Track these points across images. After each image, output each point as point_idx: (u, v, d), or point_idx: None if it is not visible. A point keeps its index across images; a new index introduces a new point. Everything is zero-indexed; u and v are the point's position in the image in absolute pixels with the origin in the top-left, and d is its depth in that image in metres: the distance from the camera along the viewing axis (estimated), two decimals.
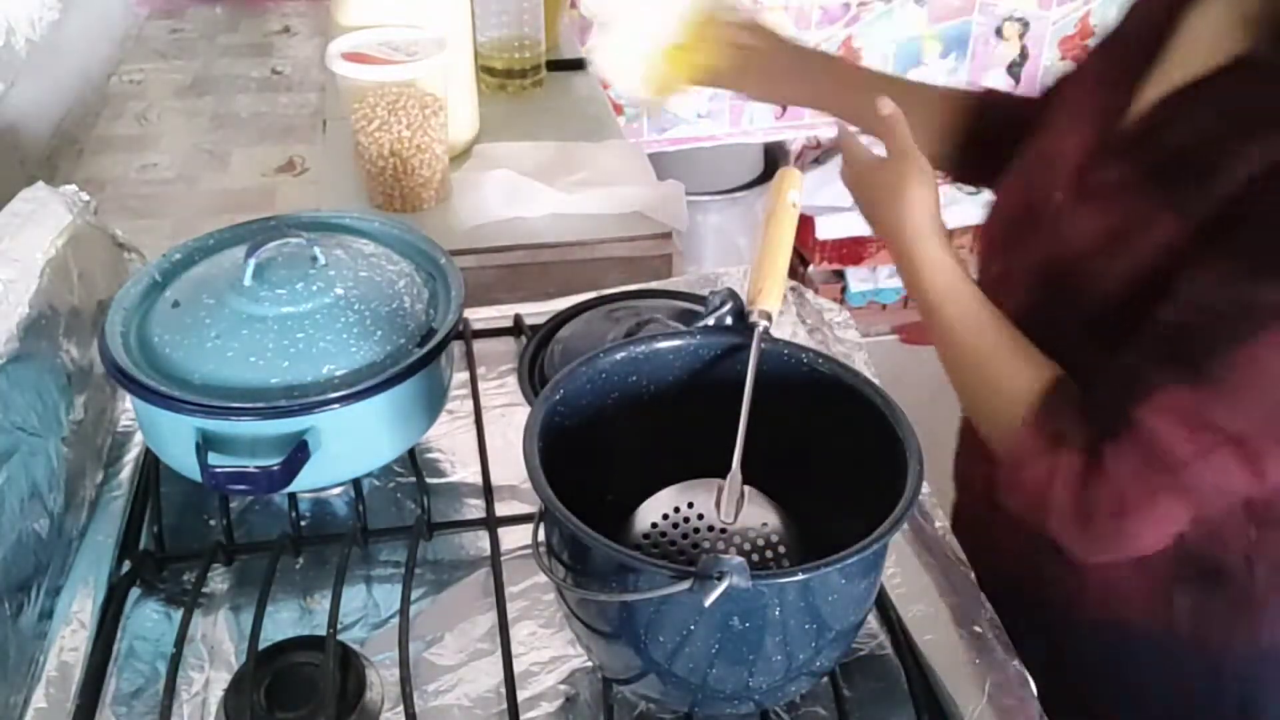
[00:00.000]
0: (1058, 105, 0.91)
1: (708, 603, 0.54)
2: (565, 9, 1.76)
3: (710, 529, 0.69)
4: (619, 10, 1.00)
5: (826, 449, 0.72)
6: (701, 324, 0.72)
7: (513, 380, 0.97)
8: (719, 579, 0.54)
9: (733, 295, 0.75)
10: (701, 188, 2.40)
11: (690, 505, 0.70)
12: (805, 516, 0.71)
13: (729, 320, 0.74)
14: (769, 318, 0.71)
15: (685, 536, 0.69)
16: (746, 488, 0.67)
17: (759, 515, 0.68)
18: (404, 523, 0.85)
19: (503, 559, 0.80)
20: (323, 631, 0.72)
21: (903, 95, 0.88)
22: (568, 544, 0.64)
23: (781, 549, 0.68)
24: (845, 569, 0.58)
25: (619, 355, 0.72)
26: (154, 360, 0.79)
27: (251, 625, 0.73)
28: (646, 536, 0.70)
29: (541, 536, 0.68)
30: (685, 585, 0.55)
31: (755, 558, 0.68)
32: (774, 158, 2.67)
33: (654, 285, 1.07)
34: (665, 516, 0.69)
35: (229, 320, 0.79)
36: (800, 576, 0.58)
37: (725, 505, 0.67)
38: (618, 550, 0.59)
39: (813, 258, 2.70)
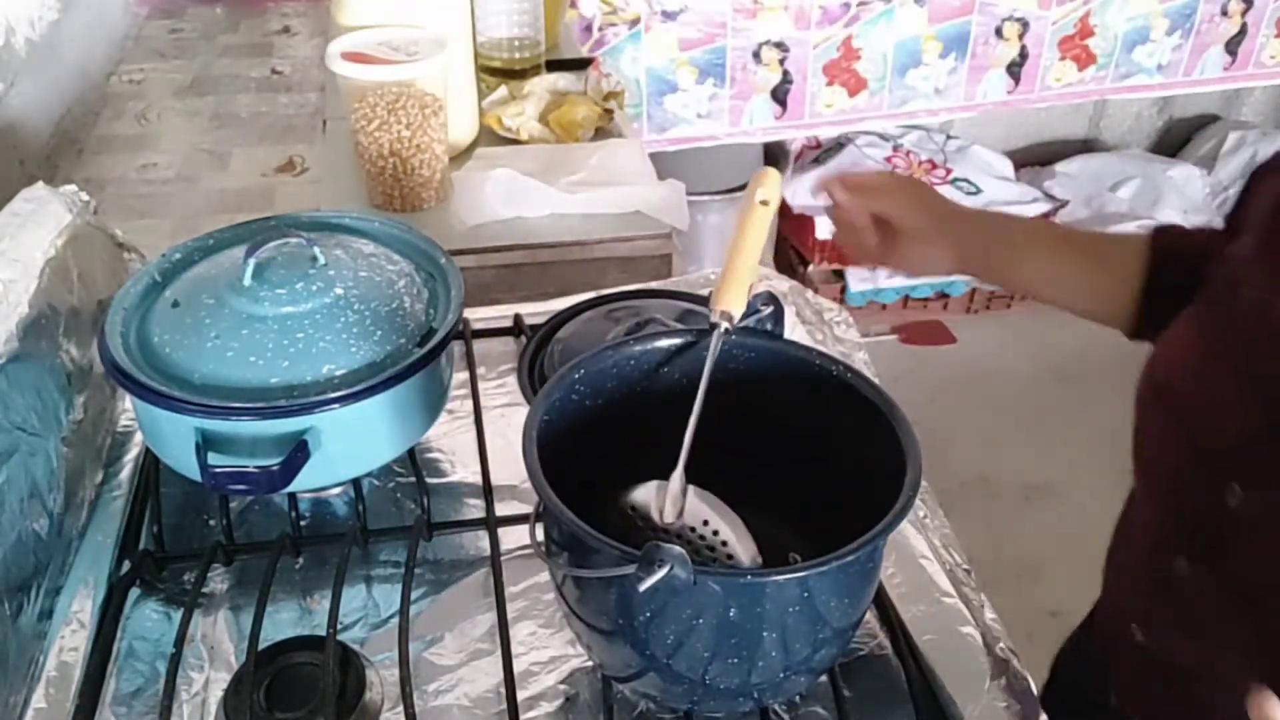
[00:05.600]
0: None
1: (643, 587, 0.56)
2: (565, 9, 1.76)
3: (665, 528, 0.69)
4: None
5: (827, 448, 0.72)
6: (741, 325, 0.71)
7: (513, 380, 0.97)
8: (659, 566, 0.55)
9: (773, 299, 0.74)
10: (701, 188, 2.40)
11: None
12: (813, 515, 0.71)
13: (769, 325, 0.73)
14: (730, 319, 0.70)
15: (655, 530, 0.69)
16: (694, 489, 0.67)
17: (701, 514, 0.67)
18: (404, 523, 0.85)
19: (503, 559, 0.80)
20: (323, 631, 0.72)
21: (1088, 250, 0.82)
22: (546, 516, 0.65)
23: (726, 550, 0.67)
24: (825, 572, 0.59)
25: (618, 354, 0.72)
26: (154, 360, 0.79)
27: (251, 625, 0.73)
28: (624, 516, 0.70)
29: (541, 536, 0.68)
30: (630, 568, 0.56)
31: (713, 556, 0.68)
32: (774, 158, 2.68)
33: (654, 285, 1.07)
34: (634, 509, 0.69)
35: (229, 320, 0.79)
36: (742, 579, 0.61)
37: (667, 505, 0.67)
38: (573, 522, 0.59)
39: (813, 258, 2.70)
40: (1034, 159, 3.08)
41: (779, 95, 2.45)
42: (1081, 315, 0.88)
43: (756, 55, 2.38)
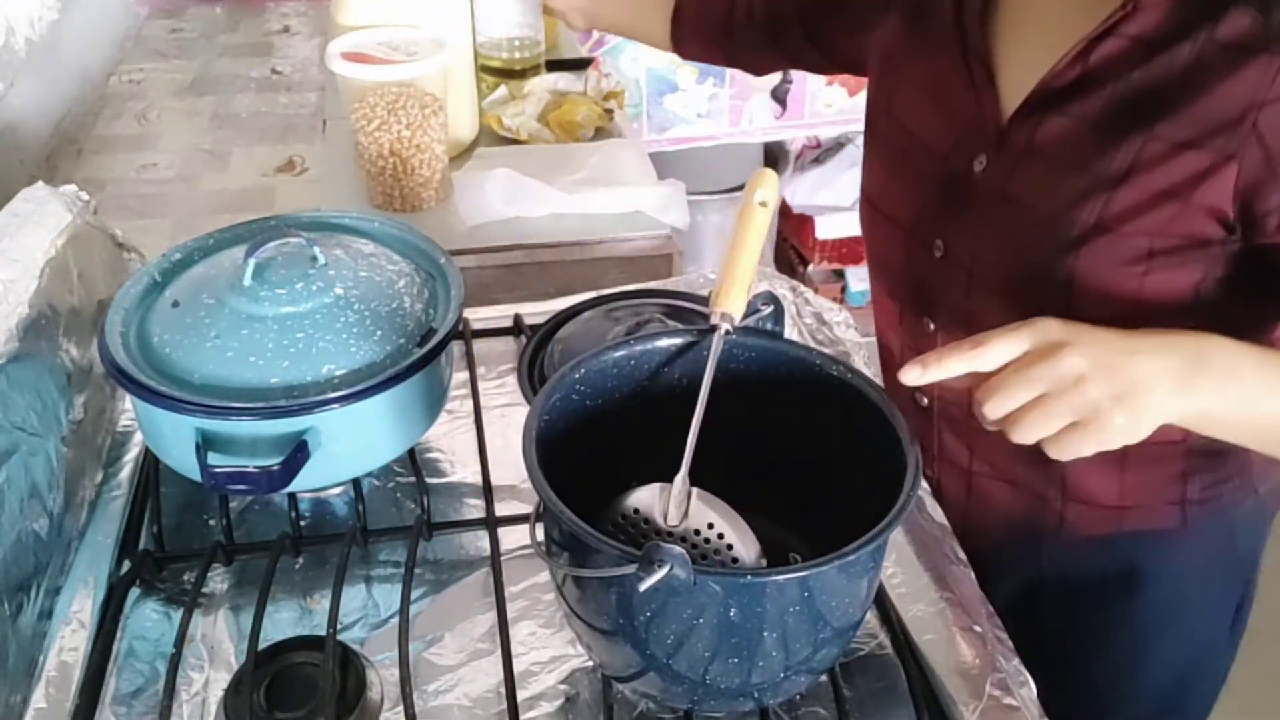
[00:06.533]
0: (877, 61, 0.94)
1: (643, 587, 0.56)
2: None
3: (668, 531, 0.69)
4: None
5: (828, 448, 0.72)
6: (741, 325, 0.72)
7: (513, 380, 0.97)
8: (659, 566, 0.56)
9: (773, 299, 0.75)
10: (701, 188, 2.40)
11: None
12: (812, 515, 0.71)
13: (769, 325, 0.74)
14: (730, 320, 0.71)
15: (658, 533, 0.69)
16: (697, 491, 0.67)
17: (705, 517, 0.67)
18: (404, 523, 0.85)
19: (503, 559, 0.80)
20: (323, 631, 0.72)
21: None
22: (546, 516, 0.66)
23: (731, 553, 0.67)
24: (825, 572, 0.59)
25: (618, 354, 0.73)
26: (154, 360, 0.79)
27: (251, 625, 0.73)
28: (625, 518, 0.70)
29: (541, 536, 0.68)
30: (630, 568, 0.57)
31: (718, 558, 0.68)
32: (774, 158, 2.67)
33: (654, 285, 1.07)
34: (636, 511, 0.69)
35: (229, 320, 0.79)
36: (743, 579, 0.61)
37: (671, 508, 0.67)
38: (573, 522, 0.60)
39: (813, 258, 2.70)
40: None
41: (779, 95, 2.45)
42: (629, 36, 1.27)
43: None
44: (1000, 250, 0.82)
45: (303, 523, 0.83)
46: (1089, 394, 0.63)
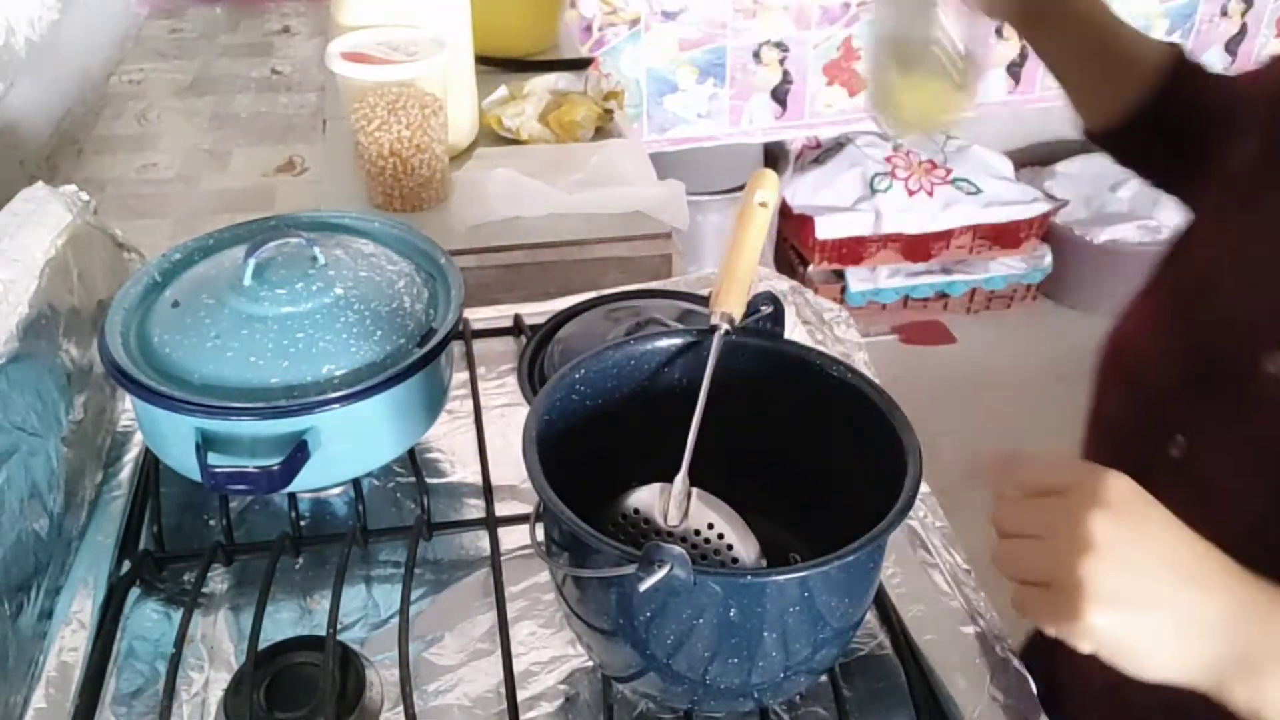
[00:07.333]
0: (1215, 186, 0.75)
1: (643, 587, 0.56)
2: (565, 9, 1.76)
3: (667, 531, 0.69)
4: None
5: (827, 448, 0.72)
6: (741, 325, 0.72)
7: (513, 380, 0.97)
8: (659, 566, 0.56)
9: (773, 299, 0.75)
10: (701, 188, 2.40)
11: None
12: (812, 515, 0.71)
13: (769, 325, 0.74)
14: (730, 320, 0.70)
15: (658, 533, 0.69)
16: (697, 491, 0.67)
17: (705, 517, 0.67)
18: (404, 523, 0.85)
19: (503, 559, 0.81)
20: (323, 631, 0.72)
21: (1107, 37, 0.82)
22: (546, 516, 0.66)
23: (731, 554, 0.67)
24: (825, 572, 0.59)
25: (618, 354, 0.73)
26: (154, 360, 0.79)
27: (251, 625, 0.73)
28: (625, 518, 0.70)
29: (541, 536, 0.68)
30: (630, 568, 0.57)
31: (718, 558, 0.68)
32: (774, 158, 2.68)
33: (654, 285, 1.07)
34: (636, 511, 0.69)
35: (229, 320, 0.79)
36: (744, 580, 0.61)
37: (671, 508, 0.67)
38: (573, 522, 0.60)
39: (813, 258, 2.70)
40: (1034, 159, 3.09)
41: (779, 95, 2.45)
42: (1066, 89, 0.92)
43: (756, 55, 2.38)
44: (1255, 489, 0.64)
45: (303, 523, 0.84)
46: (1084, 571, 0.51)
